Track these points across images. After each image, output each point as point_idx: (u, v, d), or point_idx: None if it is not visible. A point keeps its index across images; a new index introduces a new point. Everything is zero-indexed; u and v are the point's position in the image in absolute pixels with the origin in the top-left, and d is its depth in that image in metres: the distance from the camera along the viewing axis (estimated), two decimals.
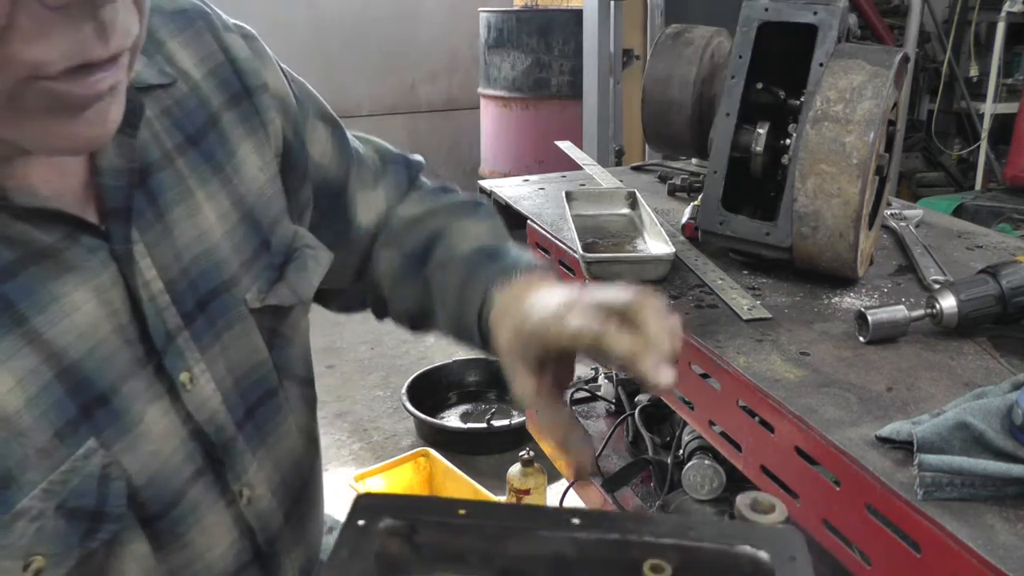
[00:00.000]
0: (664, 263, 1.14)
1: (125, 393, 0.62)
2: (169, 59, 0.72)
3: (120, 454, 0.61)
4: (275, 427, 0.77)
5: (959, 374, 0.89)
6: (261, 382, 0.75)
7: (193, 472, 0.67)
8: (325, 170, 0.86)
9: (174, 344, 0.66)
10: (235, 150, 0.75)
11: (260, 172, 0.77)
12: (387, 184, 0.93)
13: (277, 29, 4.54)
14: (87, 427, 0.59)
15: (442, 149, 5.24)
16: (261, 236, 0.76)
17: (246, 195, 0.75)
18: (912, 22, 3.84)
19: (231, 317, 0.71)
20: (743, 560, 0.49)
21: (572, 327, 0.62)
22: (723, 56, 1.31)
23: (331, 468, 2.71)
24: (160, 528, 0.65)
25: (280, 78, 0.82)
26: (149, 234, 0.65)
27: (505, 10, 4.27)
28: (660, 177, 1.68)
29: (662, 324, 0.61)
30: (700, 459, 1.34)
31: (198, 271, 0.69)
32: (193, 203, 0.70)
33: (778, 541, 0.50)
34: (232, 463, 0.71)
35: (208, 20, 0.76)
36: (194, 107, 0.72)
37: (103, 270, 0.61)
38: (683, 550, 0.49)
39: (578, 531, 0.50)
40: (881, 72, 1.04)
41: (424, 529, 0.50)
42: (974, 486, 0.69)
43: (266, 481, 0.75)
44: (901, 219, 1.37)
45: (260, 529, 0.74)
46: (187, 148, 0.71)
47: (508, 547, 0.50)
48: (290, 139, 0.81)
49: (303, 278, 0.79)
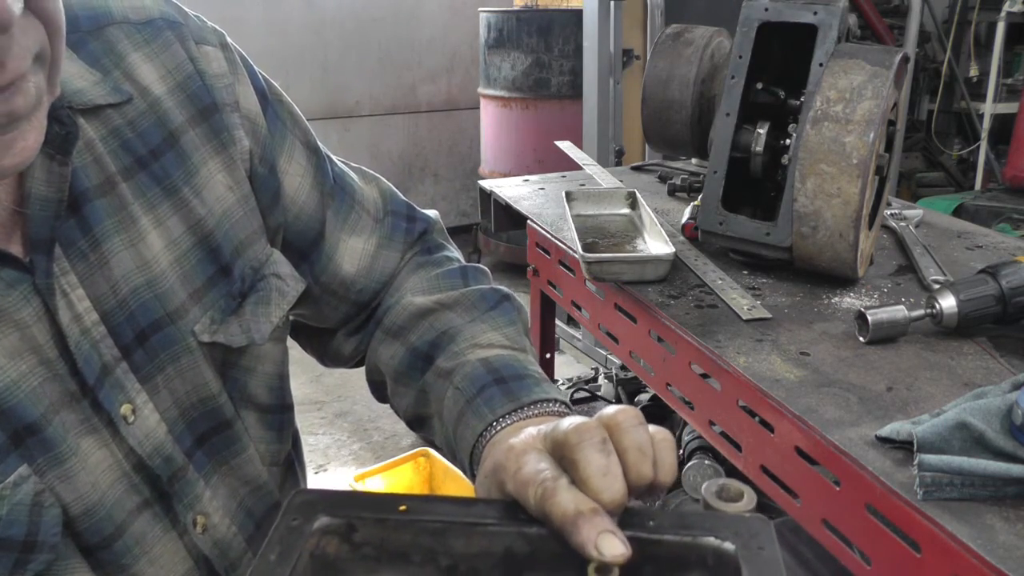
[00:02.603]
0: (664, 263, 1.14)
1: (57, 424, 0.60)
2: (129, 74, 0.68)
3: (55, 483, 0.59)
4: (231, 456, 0.74)
5: (959, 374, 0.89)
6: (212, 413, 0.72)
7: (139, 503, 0.66)
8: (300, 206, 0.80)
9: (111, 376, 0.63)
10: (198, 169, 0.71)
11: (229, 191, 0.73)
12: (381, 236, 0.86)
13: (277, 29, 4.54)
14: (17, 455, 0.58)
15: (442, 149, 5.24)
16: (220, 262, 0.72)
17: (206, 217, 0.71)
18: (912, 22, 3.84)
19: (176, 350, 0.68)
20: (706, 552, 0.46)
21: (521, 475, 0.51)
22: (723, 56, 1.31)
23: (331, 468, 2.72)
24: (104, 559, 0.63)
25: (252, 98, 0.76)
26: (82, 265, 0.62)
27: (505, 10, 4.27)
28: (660, 177, 1.68)
29: (599, 470, 0.48)
30: (700, 459, 1.34)
31: (138, 303, 0.66)
32: (136, 231, 0.66)
33: (745, 531, 0.46)
34: (183, 493, 0.69)
35: (179, 31, 0.72)
36: (149, 125, 0.68)
37: (24, 305, 0.58)
38: (641, 543, 0.46)
39: (527, 526, 0.48)
40: (881, 72, 1.04)
41: (363, 527, 0.48)
42: (974, 486, 0.69)
43: (222, 508, 0.73)
44: (901, 219, 1.37)
45: (219, 556, 0.72)
46: (136, 171, 0.67)
47: (453, 543, 0.48)
48: (256, 164, 0.76)
49: (261, 314, 0.75)
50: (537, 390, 0.70)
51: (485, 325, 0.79)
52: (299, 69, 4.70)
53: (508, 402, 0.69)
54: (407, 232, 0.88)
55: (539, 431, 0.55)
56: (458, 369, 0.74)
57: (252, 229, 0.75)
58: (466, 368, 0.74)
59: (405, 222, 0.88)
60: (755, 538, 0.46)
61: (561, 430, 0.51)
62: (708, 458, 1.34)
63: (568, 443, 0.50)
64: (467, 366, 0.74)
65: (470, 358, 0.74)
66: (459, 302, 0.81)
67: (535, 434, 0.55)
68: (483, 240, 4.57)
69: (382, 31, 4.92)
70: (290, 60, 4.65)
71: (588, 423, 0.50)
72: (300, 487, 0.87)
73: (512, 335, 0.79)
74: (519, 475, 0.51)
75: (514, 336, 0.79)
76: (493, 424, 0.68)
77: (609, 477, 0.48)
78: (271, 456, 0.80)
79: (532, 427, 0.57)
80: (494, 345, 0.76)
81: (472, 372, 0.73)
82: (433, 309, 0.81)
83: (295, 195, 0.80)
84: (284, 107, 0.81)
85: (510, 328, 0.80)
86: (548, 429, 0.54)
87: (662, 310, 1.06)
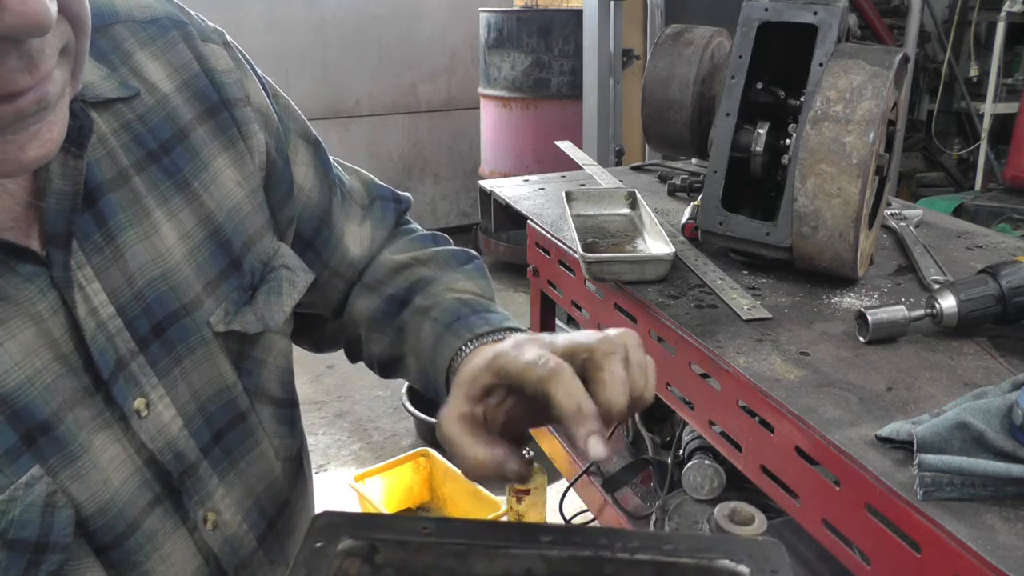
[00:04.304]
0: (664, 263, 1.14)
1: (70, 421, 0.60)
2: (136, 71, 0.69)
3: (67, 482, 0.59)
4: (246, 451, 0.75)
5: (959, 374, 0.89)
6: (229, 406, 0.72)
7: (150, 500, 0.65)
8: (307, 194, 0.83)
9: (127, 370, 0.63)
10: (207, 164, 0.71)
11: (237, 187, 0.74)
12: (374, 219, 0.90)
13: (277, 29, 4.54)
14: (30, 455, 0.57)
15: (442, 149, 5.24)
16: (231, 255, 0.72)
17: (216, 212, 0.71)
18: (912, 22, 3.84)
19: (192, 342, 0.69)
20: (723, 575, 0.48)
21: (524, 357, 0.58)
22: (723, 56, 1.31)
23: (331, 468, 2.72)
24: (116, 558, 0.63)
25: (261, 92, 0.78)
26: (97, 258, 0.62)
27: (505, 10, 4.27)
28: (660, 177, 1.68)
29: (621, 380, 0.57)
30: (700, 459, 1.34)
31: (153, 295, 0.66)
32: (150, 223, 0.67)
33: (759, 554, 0.48)
34: (194, 489, 0.69)
35: (184, 30, 0.73)
36: (159, 120, 0.69)
37: (41, 299, 0.59)
38: (659, 565, 0.48)
39: (548, 548, 0.49)
40: (881, 72, 1.04)
41: (385, 548, 0.49)
42: (974, 486, 0.69)
43: (235, 505, 0.73)
44: (901, 219, 1.37)
45: (228, 554, 0.72)
46: (148, 164, 0.67)
47: (474, 565, 0.49)
48: (273, 155, 0.77)
49: (274, 303, 0.76)
50: (510, 324, 0.76)
51: (459, 275, 0.84)
52: (299, 69, 4.70)
53: (485, 326, 0.74)
54: (395, 212, 0.93)
55: (540, 336, 0.62)
56: (436, 305, 0.79)
57: (260, 224, 0.76)
58: (443, 304, 0.79)
59: (392, 203, 0.93)
60: (768, 561, 0.48)
61: (589, 340, 0.58)
62: (708, 458, 1.34)
63: (598, 350, 0.58)
64: (444, 303, 0.79)
65: (447, 297, 0.80)
66: (433, 259, 0.87)
67: (535, 336, 0.62)
68: (483, 240, 4.58)
69: (382, 30, 4.93)
70: (290, 60, 4.65)
71: (612, 338, 0.59)
72: (308, 486, 0.88)
73: (484, 287, 0.85)
74: (523, 355, 0.58)
75: (485, 288, 0.85)
76: (471, 341, 0.72)
77: (625, 387, 0.57)
78: (284, 451, 0.80)
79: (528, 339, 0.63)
80: (468, 291, 0.82)
81: (449, 306, 0.78)
82: (408, 264, 0.86)
83: (303, 184, 0.82)
84: (281, 102, 0.82)
85: (482, 281, 0.86)
86: (554, 336, 0.61)
87: (662, 310, 1.06)
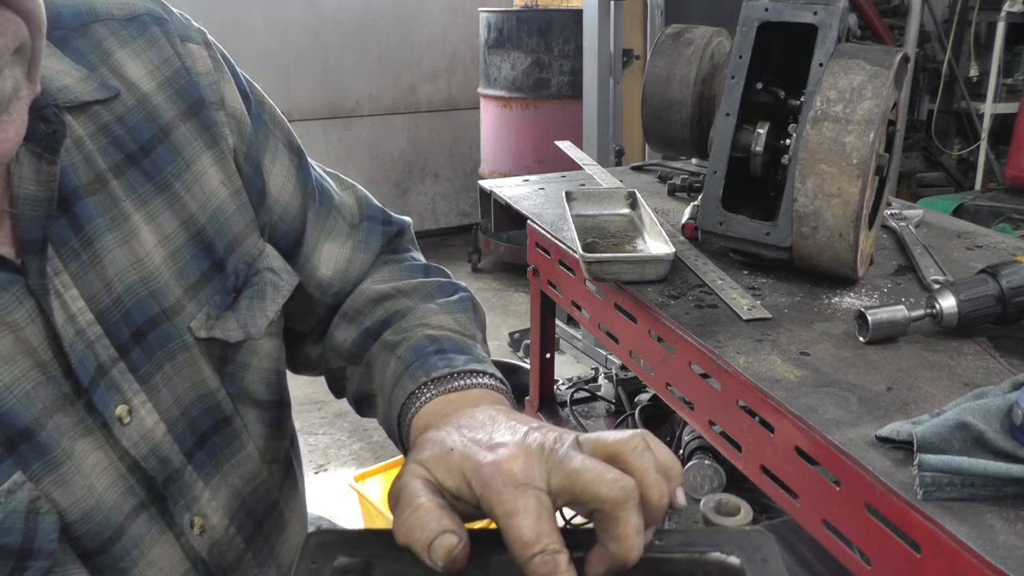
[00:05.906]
0: (664, 263, 1.14)
1: (51, 428, 0.59)
2: (115, 70, 0.68)
3: (50, 488, 0.59)
4: (231, 454, 0.74)
5: (959, 374, 0.89)
6: (212, 410, 0.72)
7: (135, 505, 0.65)
8: (284, 206, 0.81)
9: (107, 377, 0.63)
10: (190, 163, 0.70)
11: (221, 186, 0.73)
12: (356, 241, 0.86)
13: (277, 29, 4.54)
14: (11, 462, 0.57)
15: (442, 149, 5.25)
16: (213, 257, 0.71)
17: (198, 213, 0.70)
18: (912, 22, 3.84)
19: (173, 347, 0.68)
20: (714, 567, 0.49)
21: (518, 523, 0.46)
22: (723, 56, 1.31)
23: (331, 468, 2.72)
24: (102, 564, 0.63)
25: (236, 97, 0.76)
26: (75, 264, 0.62)
27: (505, 10, 4.28)
28: (660, 177, 1.68)
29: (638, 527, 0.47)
30: (700, 459, 1.34)
31: (133, 300, 0.65)
32: (128, 228, 0.66)
33: (748, 545, 0.49)
34: (179, 494, 0.68)
35: (164, 27, 0.72)
36: (139, 121, 0.68)
37: (17, 307, 0.58)
38: (652, 562, 0.48)
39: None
40: (881, 72, 1.04)
41: (381, 564, 0.49)
42: (974, 486, 0.69)
43: (222, 509, 0.72)
44: (901, 219, 1.37)
45: (216, 558, 0.72)
46: (127, 167, 0.66)
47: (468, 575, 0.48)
48: (241, 162, 0.76)
49: (257, 308, 0.75)
50: (475, 363, 0.69)
51: (437, 308, 0.78)
52: (299, 69, 4.70)
53: (445, 368, 0.67)
54: (383, 235, 0.89)
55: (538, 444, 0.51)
56: (403, 342, 0.73)
57: (245, 224, 0.75)
58: (411, 340, 0.73)
59: (381, 226, 0.89)
60: (758, 551, 0.49)
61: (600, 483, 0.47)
62: (708, 458, 1.34)
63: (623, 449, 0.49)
64: (412, 339, 0.73)
65: (417, 333, 0.74)
66: (416, 289, 0.82)
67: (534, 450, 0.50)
68: (483, 240, 4.58)
69: (382, 31, 4.93)
70: (290, 60, 4.65)
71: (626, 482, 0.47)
72: (299, 485, 0.87)
73: (463, 321, 0.78)
74: (516, 519, 0.47)
75: (465, 323, 0.78)
76: (425, 385, 0.66)
77: (640, 537, 0.47)
78: (271, 453, 0.79)
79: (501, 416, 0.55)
80: (444, 327, 0.75)
81: (416, 343, 0.72)
82: (390, 295, 0.81)
83: (279, 195, 0.80)
84: (266, 108, 0.81)
85: (462, 315, 0.78)
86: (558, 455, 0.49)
87: (662, 310, 1.06)
